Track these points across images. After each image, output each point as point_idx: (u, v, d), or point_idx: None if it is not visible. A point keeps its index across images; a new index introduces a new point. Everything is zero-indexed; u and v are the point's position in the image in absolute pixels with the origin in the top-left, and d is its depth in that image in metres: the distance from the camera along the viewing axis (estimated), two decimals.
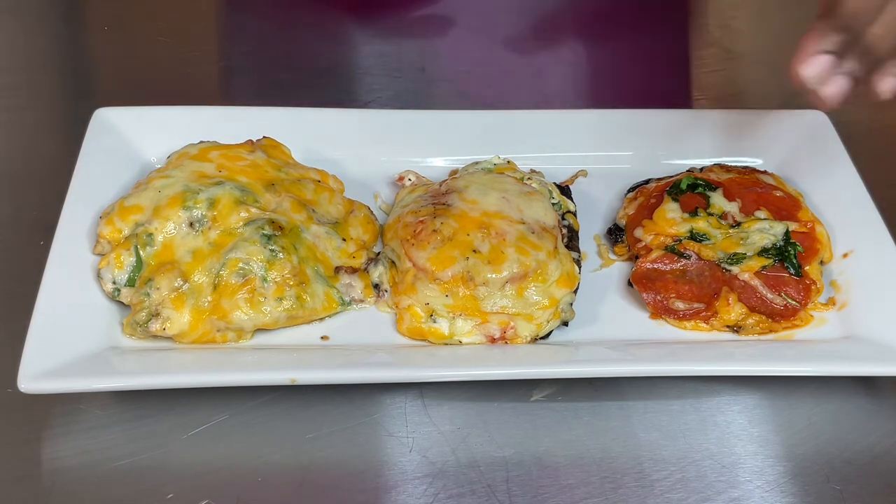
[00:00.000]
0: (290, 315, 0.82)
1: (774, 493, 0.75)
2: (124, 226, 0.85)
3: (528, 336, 0.83)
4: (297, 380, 0.76)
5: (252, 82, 1.17)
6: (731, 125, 1.03)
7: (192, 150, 0.91)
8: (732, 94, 1.18)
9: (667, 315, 0.86)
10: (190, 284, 0.82)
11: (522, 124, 1.01)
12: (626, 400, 0.81)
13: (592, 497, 0.75)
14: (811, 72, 0.80)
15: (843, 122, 1.02)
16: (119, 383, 0.77)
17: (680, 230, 0.90)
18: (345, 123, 1.00)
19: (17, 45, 1.19)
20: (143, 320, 0.81)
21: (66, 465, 0.75)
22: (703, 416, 0.81)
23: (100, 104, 0.97)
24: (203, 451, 0.76)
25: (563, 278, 0.84)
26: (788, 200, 0.93)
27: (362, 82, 1.15)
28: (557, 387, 0.82)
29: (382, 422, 0.79)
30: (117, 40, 1.21)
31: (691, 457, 0.78)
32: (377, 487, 0.75)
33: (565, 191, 0.95)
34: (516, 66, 1.18)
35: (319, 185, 0.92)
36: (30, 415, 0.78)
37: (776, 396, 0.82)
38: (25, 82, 1.13)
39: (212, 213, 0.84)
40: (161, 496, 0.73)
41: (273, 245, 0.83)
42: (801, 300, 0.87)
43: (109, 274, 0.83)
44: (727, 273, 0.87)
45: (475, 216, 0.86)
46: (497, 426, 0.79)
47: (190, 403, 0.79)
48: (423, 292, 0.83)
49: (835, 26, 0.79)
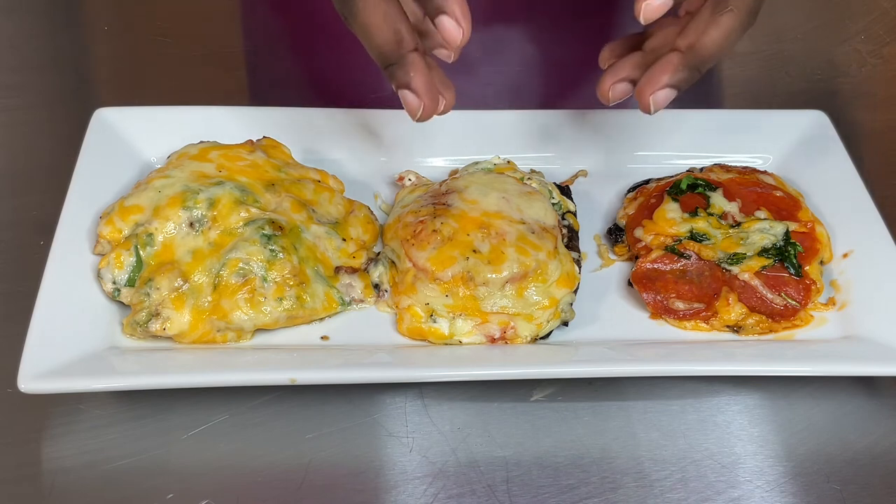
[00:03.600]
0: (290, 315, 0.82)
1: (774, 493, 0.75)
2: (124, 226, 0.85)
3: (528, 336, 0.83)
4: (297, 380, 0.76)
5: (253, 82, 1.17)
6: (731, 125, 1.03)
7: (192, 150, 0.91)
8: (733, 95, 1.18)
9: (667, 315, 0.86)
10: (190, 284, 0.82)
11: (522, 124, 1.01)
12: (626, 400, 0.81)
13: (592, 497, 0.75)
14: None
15: (843, 122, 1.02)
16: (119, 383, 0.77)
17: (680, 230, 0.90)
18: (345, 123, 1.00)
19: (17, 45, 1.19)
20: (143, 320, 0.81)
21: (66, 465, 0.75)
22: (703, 416, 0.81)
23: (100, 104, 0.97)
24: (203, 451, 0.76)
25: (563, 278, 0.84)
26: (788, 200, 0.93)
27: (362, 82, 1.15)
28: (557, 387, 0.82)
29: (382, 422, 0.79)
30: (117, 40, 1.21)
31: (691, 457, 0.78)
32: (377, 487, 0.75)
33: (565, 191, 0.95)
34: (517, 66, 1.18)
35: (319, 185, 0.92)
36: (30, 415, 0.78)
37: (776, 396, 0.82)
38: (25, 82, 1.13)
39: (212, 213, 0.84)
40: (161, 496, 0.73)
41: (273, 245, 0.83)
42: (801, 300, 0.87)
43: (109, 274, 0.83)
44: (727, 273, 0.87)
45: (475, 216, 0.86)
46: (497, 426, 0.79)
47: (190, 403, 0.79)
48: (423, 292, 0.83)
49: None
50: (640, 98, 0.83)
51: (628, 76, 0.87)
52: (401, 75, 0.78)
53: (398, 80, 0.79)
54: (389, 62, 0.78)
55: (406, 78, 0.78)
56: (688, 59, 0.81)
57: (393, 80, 0.79)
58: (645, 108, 0.83)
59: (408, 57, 0.77)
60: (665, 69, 0.81)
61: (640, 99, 0.82)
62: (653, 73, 0.82)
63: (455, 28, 0.75)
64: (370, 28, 0.77)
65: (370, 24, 0.76)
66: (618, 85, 0.87)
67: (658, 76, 0.81)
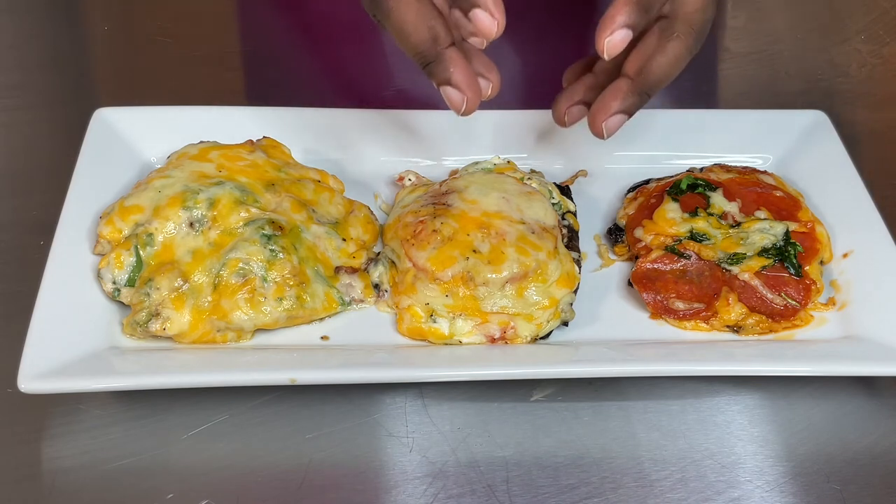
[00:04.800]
0: (290, 315, 0.82)
1: (774, 493, 0.75)
2: (124, 226, 0.85)
3: (528, 336, 0.83)
4: (297, 380, 0.76)
5: (253, 82, 1.17)
6: (731, 125, 1.03)
7: (192, 150, 0.91)
8: (733, 95, 1.18)
9: (667, 315, 0.86)
10: (190, 284, 0.82)
11: (522, 124, 1.01)
12: (626, 400, 0.81)
13: (592, 497, 0.75)
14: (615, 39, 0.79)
15: (843, 122, 1.02)
16: (119, 383, 0.77)
17: (680, 230, 0.90)
18: (345, 123, 1.00)
19: (18, 45, 1.19)
20: (143, 320, 0.81)
21: (66, 465, 0.75)
22: (703, 416, 0.81)
23: (100, 104, 0.97)
24: (203, 451, 0.76)
25: (563, 278, 0.84)
26: (788, 200, 0.93)
27: (363, 82, 1.15)
28: (557, 387, 0.82)
29: (382, 422, 0.79)
30: (117, 40, 1.21)
31: (691, 457, 0.78)
32: (377, 487, 0.75)
33: (565, 191, 0.95)
34: (517, 66, 1.18)
35: (319, 185, 0.92)
36: (30, 415, 0.78)
37: (776, 396, 0.82)
38: (25, 82, 1.14)
39: (212, 213, 0.84)
40: (161, 496, 0.73)
41: (273, 245, 0.83)
42: (801, 300, 0.87)
43: (109, 274, 0.83)
44: (727, 273, 0.87)
45: (475, 216, 0.86)
46: (497, 426, 0.79)
47: (190, 403, 0.79)
48: (423, 292, 0.83)
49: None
50: (592, 125, 0.85)
51: (581, 99, 0.89)
52: (440, 72, 0.78)
53: (438, 78, 0.79)
54: (428, 61, 0.78)
55: (446, 74, 0.78)
56: (637, 85, 0.83)
57: (433, 78, 0.79)
58: (598, 134, 0.85)
59: (445, 53, 0.77)
60: (615, 96, 0.83)
61: (593, 126, 0.85)
62: (604, 99, 0.84)
63: (490, 21, 0.75)
64: (405, 27, 0.76)
65: (405, 24, 0.76)
66: (573, 108, 0.90)
67: (609, 103, 0.83)
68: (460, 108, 0.80)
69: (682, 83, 1.16)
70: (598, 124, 0.84)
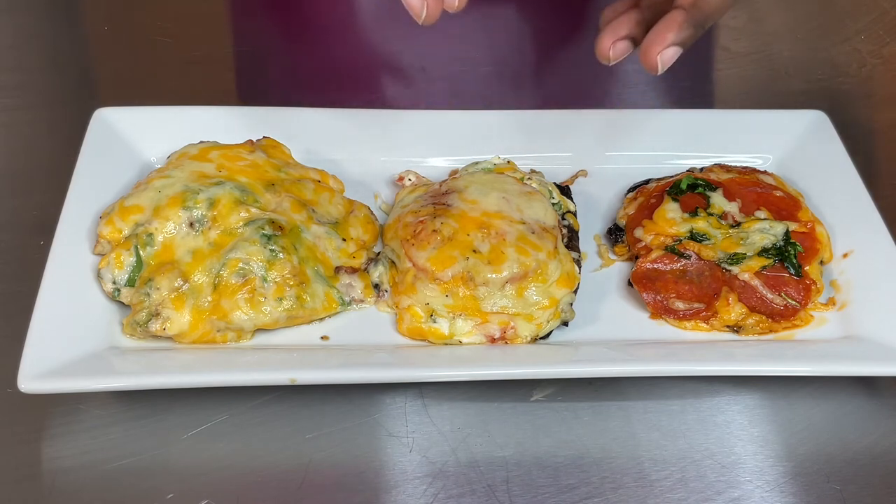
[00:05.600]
0: (290, 315, 0.82)
1: (774, 493, 0.75)
2: (124, 226, 0.85)
3: (528, 336, 0.83)
4: (297, 380, 0.76)
5: (252, 82, 1.17)
6: (731, 125, 1.03)
7: (192, 150, 0.91)
8: (732, 95, 1.18)
9: (667, 315, 0.86)
10: (190, 284, 0.82)
11: (522, 124, 1.01)
12: (626, 400, 0.81)
13: (592, 497, 0.75)
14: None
15: (843, 122, 1.02)
16: (119, 383, 0.77)
17: (680, 230, 0.90)
18: (345, 123, 1.00)
19: (17, 45, 1.19)
20: (143, 320, 0.81)
21: (66, 465, 0.75)
22: (703, 416, 0.81)
23: (100, 104, 0.97)
24: (203, 451, 0.76)
25: (563, 278, 0.84)
26: (788, 200, 0.93)
27: (362, 82, 1.15)
28: (557, 387, 0.82)
29: (382, 422, 0.79)
30: (117, 40, 1.21)
31: (691, 457, 0.78)
32: (377, 487, 0.75)
33: (565, 191, 0.95)
34: (517, 66, 1.18)
35: (319, 186, 0.92)
36: (30, 415, 0.78)
37: (776, 396, 0.82)
38: (25, 82, 1.14)
39: (212, 213, 0.84)
40: (161, 496, 0.73)
41: (273, 245, 0.83)
42: (801, 300, 0.87)
43: (109, 274, 0.83)
44: (727, 273, 0.87)
45: (475, 216, 0.86)
46: (497, 426, 0.79)
47: (190, 403, 0.79)
48: (423, 292, 0.83)
49: None
50: (645, 57, 0.80)
51: (629, 34, 0.84)
52: None
53: None
54: None
55: None
56: (692, 15, 0.79)
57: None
58: (652, 66, 0.80)
59: None
60: (670, 27, 0.79)
61: (647, 58, 0.80)
62: (658, 31, 0.80)
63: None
64: None
65: None
66: (618, 43, 0.83)
67: (663, 34, 0.79)
68: (420, 14, 0.77)
69: (681, 83, 1.17)
70: (652, 56, 0.80)
